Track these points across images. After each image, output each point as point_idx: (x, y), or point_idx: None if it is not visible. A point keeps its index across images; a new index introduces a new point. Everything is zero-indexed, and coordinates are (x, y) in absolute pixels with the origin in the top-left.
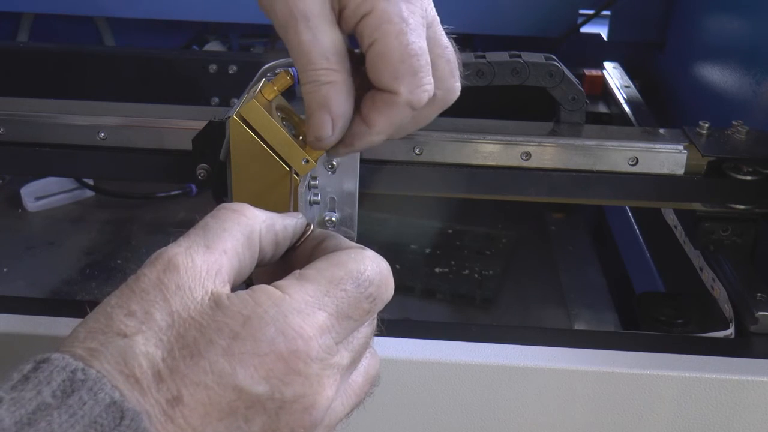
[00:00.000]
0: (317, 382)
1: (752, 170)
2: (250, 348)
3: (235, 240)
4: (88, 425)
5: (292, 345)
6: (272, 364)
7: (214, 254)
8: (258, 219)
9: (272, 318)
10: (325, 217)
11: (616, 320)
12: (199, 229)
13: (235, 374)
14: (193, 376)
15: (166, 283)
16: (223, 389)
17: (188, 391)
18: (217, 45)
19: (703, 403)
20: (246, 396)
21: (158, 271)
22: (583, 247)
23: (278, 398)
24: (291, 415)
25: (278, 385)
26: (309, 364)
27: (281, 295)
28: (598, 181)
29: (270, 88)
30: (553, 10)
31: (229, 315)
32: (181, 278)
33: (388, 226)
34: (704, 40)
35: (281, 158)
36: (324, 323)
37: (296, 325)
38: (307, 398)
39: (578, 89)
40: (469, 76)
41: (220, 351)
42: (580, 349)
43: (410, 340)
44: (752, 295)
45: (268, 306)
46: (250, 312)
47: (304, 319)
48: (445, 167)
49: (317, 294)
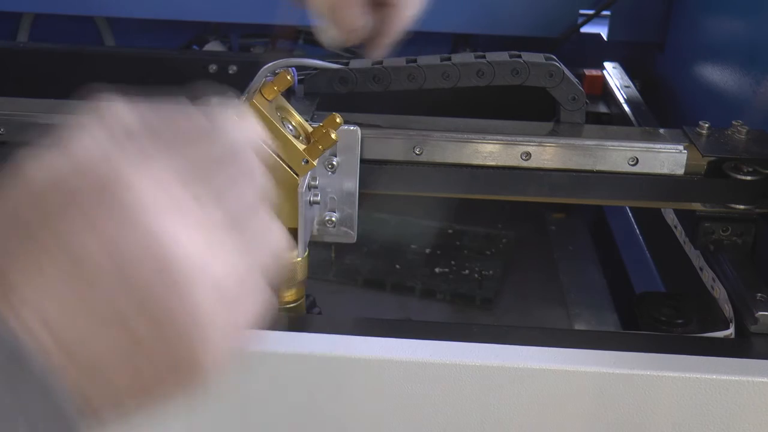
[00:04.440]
0: (162, 233)
1: (752, 170)
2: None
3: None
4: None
5: (116, 200)
6: (90, 222)
7: None
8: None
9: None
10: (325, 217)
11: (616, 320)
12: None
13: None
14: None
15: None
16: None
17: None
18: (217, 45)
19: (703, 403)
20: (78, 259)
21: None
22: (583, 247)
23: (118, 259)
24: (140, 271)
25: (112, 244)
26: (148, 214)
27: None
28: (598, 181)
29: (270, 88)
30: (553, 10)
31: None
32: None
33: (388, 226)
34: (704, 40)
35: (281, 158)
36: (158, 168)
37: (120, 169)
38: (154, 250)
39: (578, 89)
40: (469, 76)
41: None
42: (580, 350)
43: (410, 341)
44: (752, 295)
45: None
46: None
47: (126, 161)
48: (445, 167)
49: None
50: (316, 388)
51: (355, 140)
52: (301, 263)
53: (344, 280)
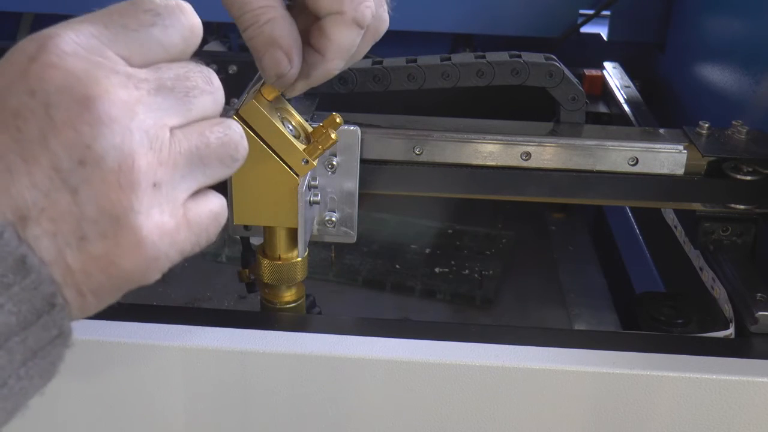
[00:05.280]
0: (85, 75)
1: (752, 170)
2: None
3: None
4: None
5: (39, 44)
6: (19, 70)
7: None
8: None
9: (24, 42)
10: (325, 217)
11: (616, 320)
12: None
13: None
14: None
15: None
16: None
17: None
18: (217, 45)
19: (703, 403)
20: (7, 107)
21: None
22: (583, 247)
23: (41, 98)
24: (64, 111)
25: (35, 83)
26: (63, 58)
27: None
28: (598, 181)
29: (270, 88)
30: (553, 10)
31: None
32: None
33: (388, 226)
34: (704, 40)
35: (281, 158)
36: (82, 27)
37: (46, 32)
38: (76, 89)
39: (578, 89)
40: (469, 76)
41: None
42: (580, 350)
43: (410, 341)
44: (752, 295)
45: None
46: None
47: (55, 27)
48: (445, 167)
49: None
50: (316, 388)
51: (355, 140)
52: (301, 263)
53: (344, 280)
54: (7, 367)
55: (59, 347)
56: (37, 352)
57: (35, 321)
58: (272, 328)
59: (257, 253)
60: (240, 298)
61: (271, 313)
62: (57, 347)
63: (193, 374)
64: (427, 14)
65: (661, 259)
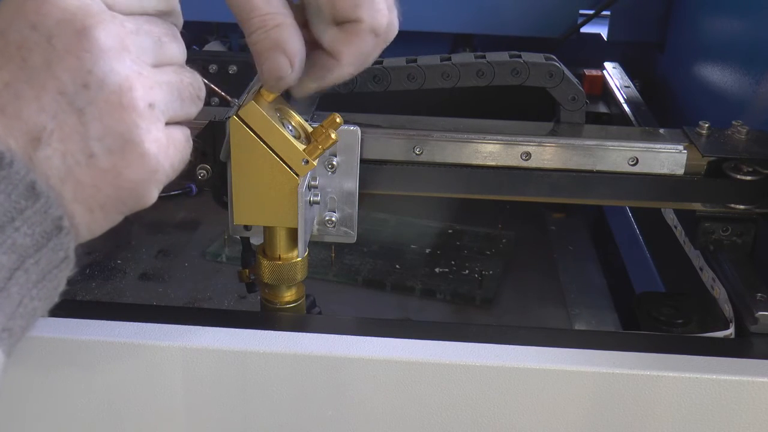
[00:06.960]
0: (79, 11)
1: (752, 170)
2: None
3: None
4: None
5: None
6: (15, 8)
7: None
8: None
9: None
10: (325, 217)
11: (616, 320)
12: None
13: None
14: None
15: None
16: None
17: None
18: (217, 45)
19: (703, 403)
20: (10, 41)
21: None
22: (583, 247)
23: (43, 30)
24: (66, 40)
25: (35, 18)
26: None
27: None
28: (598, 181)
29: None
30: (553, 10)
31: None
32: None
33: (388, 226)
34: (704, 40)
35: (281, 158)
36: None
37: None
38: (74, 22)
39: (578, 89)
40: (469, 76)
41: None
42: (580, 350)
43: (410, 341)
44: (752, 295)
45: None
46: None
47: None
48: (445, 167)
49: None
50: (316, 388)
51: (355, 140)
52: (301, 263)
53: (344, 280)
54: (24, 286)
55: (64, 271)
56: (46, 274)
57: (46, 244)
58: (272, 328)
59: (257, 253)
60: (240, 298)
61: (271, 313)
62: (62, 271)
63: (193, 374)
64: (427, 14)
65: (661, 259)
